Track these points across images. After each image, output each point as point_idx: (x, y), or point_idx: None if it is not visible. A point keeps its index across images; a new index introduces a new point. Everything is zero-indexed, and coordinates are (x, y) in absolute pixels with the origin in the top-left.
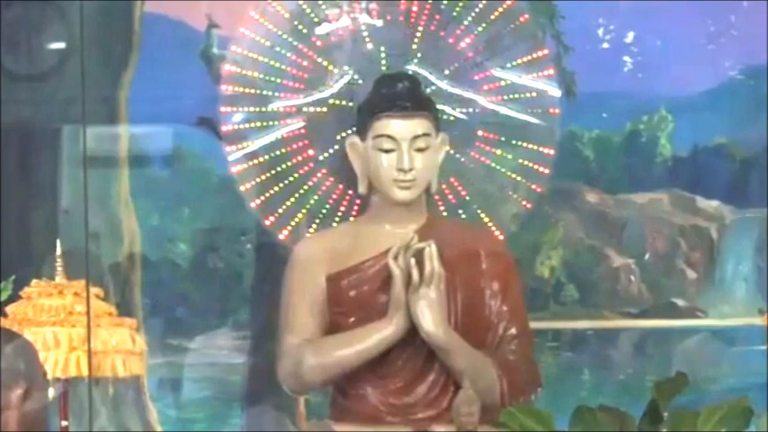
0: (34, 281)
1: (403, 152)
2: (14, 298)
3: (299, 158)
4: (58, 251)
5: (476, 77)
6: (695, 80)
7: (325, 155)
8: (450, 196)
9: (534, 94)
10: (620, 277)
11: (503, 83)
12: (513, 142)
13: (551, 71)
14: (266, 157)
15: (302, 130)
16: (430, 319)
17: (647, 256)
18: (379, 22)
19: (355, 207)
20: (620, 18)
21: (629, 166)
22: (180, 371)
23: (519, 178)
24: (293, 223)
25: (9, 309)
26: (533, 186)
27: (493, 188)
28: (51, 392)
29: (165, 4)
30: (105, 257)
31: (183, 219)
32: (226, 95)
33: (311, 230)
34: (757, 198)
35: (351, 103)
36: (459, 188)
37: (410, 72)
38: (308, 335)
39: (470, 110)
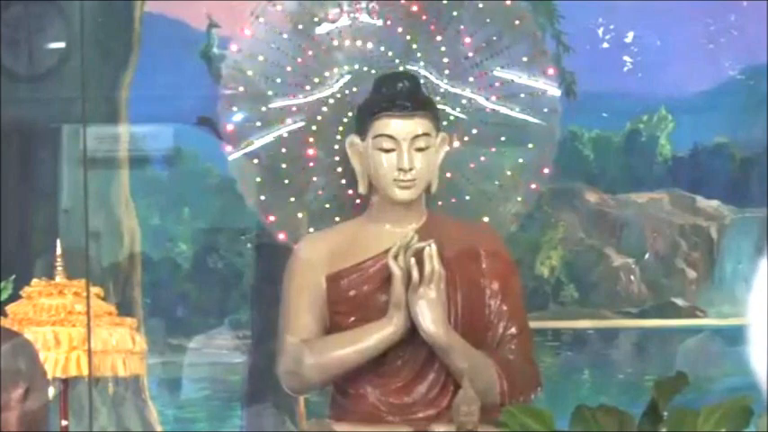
0: (34, 280)
1: (403, 152)
2: (15, 297)
3: (299, 158)
4: (58, 251)
5: (476, 77)
6: (695, 80)
7: (326, 155)
8: (450, 196)
9: (534, 94)
10: (619, 277)
11: (503, 83)
12: (513, 142)
13: (551, 71)
14: (266, 157)
15: (302, 130)
16: (430, 319)
17: (647, 256)
18: (380, 22)
19: (355, 207)
20: (620, 18)
21: (629, 166)
22: (180, 371)
23: (519, 178)
24: (293, 223)
25: (9, 308)
26: (533, 186)
27: (493, 188)
28: (51, 392)
29: (165, 4)
30: (105, 257)
31: (183, 219)
32: (226, 95)
33: (311, 230)
34: (757, 198)
35: (351, 103)
36: (460, 188)
37: (410, 72)
38: (308, 334)
39: (470, 110)
